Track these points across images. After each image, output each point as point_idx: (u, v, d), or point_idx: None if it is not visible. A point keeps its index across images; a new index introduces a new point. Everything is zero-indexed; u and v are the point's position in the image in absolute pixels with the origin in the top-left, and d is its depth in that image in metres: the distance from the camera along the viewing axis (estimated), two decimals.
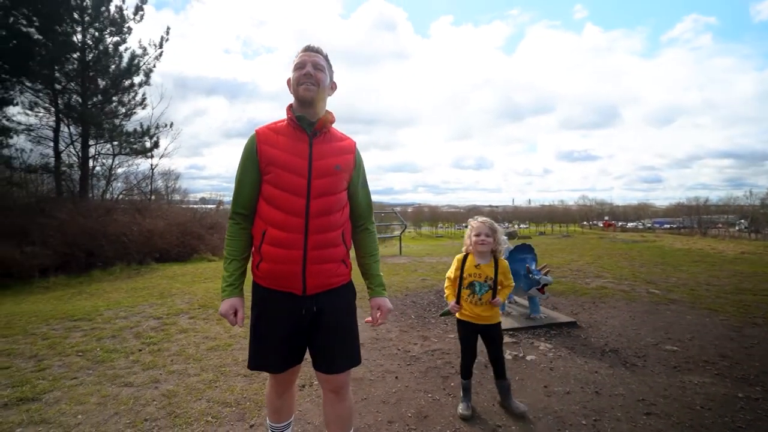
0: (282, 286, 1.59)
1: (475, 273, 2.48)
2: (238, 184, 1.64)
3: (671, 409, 2.57)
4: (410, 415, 2.54)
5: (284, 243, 1.56)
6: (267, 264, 1.58)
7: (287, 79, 1.69)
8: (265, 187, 1.60)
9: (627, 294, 5.79)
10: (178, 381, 2.99)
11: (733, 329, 4.21)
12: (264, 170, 1.60)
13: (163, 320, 4.50)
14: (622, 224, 65.67)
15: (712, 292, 6.00)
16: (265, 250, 1.58)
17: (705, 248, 11.89)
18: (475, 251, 2.50)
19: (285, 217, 1.57)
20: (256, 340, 1.66)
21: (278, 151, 1.59)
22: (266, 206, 1.59)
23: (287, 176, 1.57)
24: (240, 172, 1.63)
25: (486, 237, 2.44)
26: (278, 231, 1.57)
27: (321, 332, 1.65)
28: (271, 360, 1.66)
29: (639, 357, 3.46)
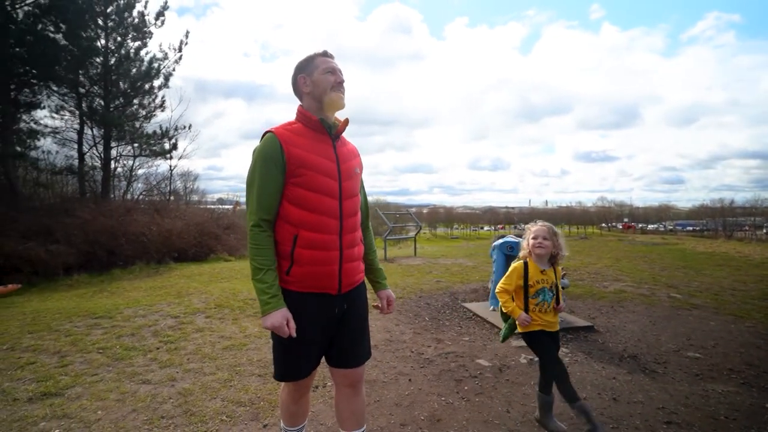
0: (318, 287, 1.60)
1: (542, 279, 2.34)
2: (260, 189, 1.55)
3: (693, 418, 2.49)
4: (423, 419, 2.53)
5: (322, 245, 1.57)
6: (302, 267, 1.57)
7: (299, 77, 1.67)
8: (295, 190, 1.56)
9: (647, 298, 5.65)
10: (194, 379, 3.04)
11: (760, 336, 4.06)
12: (294, 172, 1.55)
13: (180, 319, 4.59)
14: (642, 226, 64.08)
15: (737, 297, 5.80)
16: (299, 253, 1.56)
17: (730, 252, 11.50)
18: (534, 255, 2.37)
19: (321, 219, 1.57)
20: (287, 348, 1.61)
21: (307, 153, 1.58)
22: (296, 209, 1.56)
23: (322, 179, 1.58)
24: (262, 176, 1.54)
25: (544, 240, 2.33)
26: (314, 233, 1.56)
27: (345, 329, 1.69)
28: (303, 367, 1.67)
29: (659, 363, 3.36)
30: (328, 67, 1.64)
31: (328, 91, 1.63)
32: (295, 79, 1.70)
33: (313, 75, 1.64)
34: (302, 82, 1.66)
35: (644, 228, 59.38)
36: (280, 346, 1.63)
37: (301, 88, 1.67)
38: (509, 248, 5.10)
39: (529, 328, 2.36)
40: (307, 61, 1.68)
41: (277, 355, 1.67)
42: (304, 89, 1.67)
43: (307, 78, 1.65)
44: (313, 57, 1.67)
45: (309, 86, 1.65)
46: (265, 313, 1.51)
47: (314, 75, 1.64)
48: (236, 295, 5.74)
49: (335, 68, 1.66)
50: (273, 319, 1.50)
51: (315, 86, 1.64)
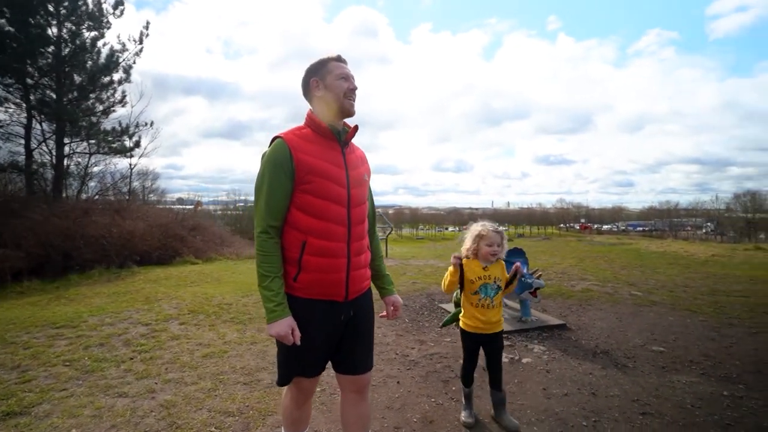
0: (324, 294, 1.59)
1: (484, 275, 2.42)
2: (269, 195, 1.53)
3: (664, 408, 2.68)
4: (416, 421, 2.56)
5: (330, 252, 1.57)
6: (310, 275, 1.56)
7: (312, 80, 1.64)
8: (303, 197, 1.55)
9: (611, 296, 5.99)
10: (176, 390, 2.92)
11: (712, 329, 4.42)
12: (303, 179, 1.54)
13: (153, 327, 4.37)
14: (597, 227, 67.63)
15: (689, 293, 6.27)
16: (307, 260, 1.55)
17: (678, 251, 12.40)
18: (484, 259, 2.44)
19: (329, 226, 1.57)
20: (293, 354, 1.59)
21: (317, 159, 1.56)
22: (304, 216, 1.55)
23: (331, 186, 1.57)
24: (270, 183, 1.53)
25: (498, 248, 2.40)
26: (323, 240, 1.56)
27: (352, 335, 1.70)
28: (309, 373, 1.66)
29: (629, 358, 3.58)
30: (342, 72, 1.63)
31: (341, 97, 1.62)
32: (306, 81, 1.67)
33: (326, 79, 1.63)
34: (314, 85, 1.64)
35: (599, 228, 62.69)
36: (285, 352, 1.61)
37: (313, 91, 1.65)
38: None
39: (467, 326, 2.49)
40: (320, 64, 1.65)
41: (281, 361, 1.66)
42: (315, 93, 1.64)
43: (320, 82, 1.63)
44: (326, 61, 1.65)
45: (321, 90, 1.63)
46: (271, 321, 1.50)
47: (327, 79, 1.62)
48: (210, 300, 5.55)
49: (349, 74, 1.65)
50: (279, 327, 1.50)
51: (327, 91, 1.62)
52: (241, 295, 5.96)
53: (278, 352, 1.66)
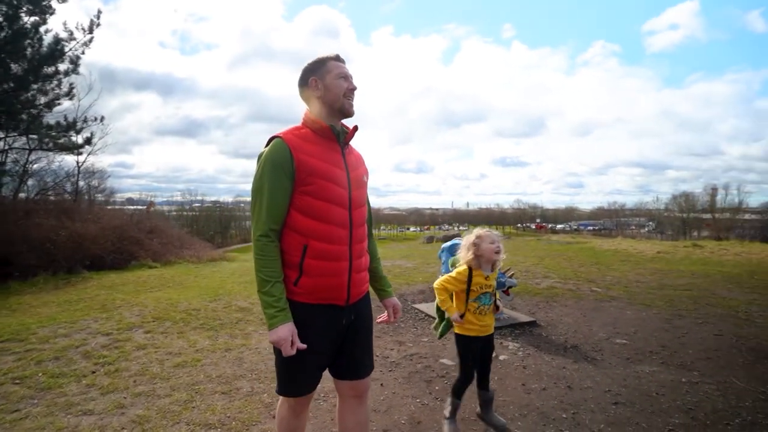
0: (326, 299, 1.56)
1: (486, 284, 2.43)
2: (269, 197, 1.48)
3: (633, 397, 2.86)
4: (403, 422, 2.57)
5: (332, 255, 1.54)
6: (311, 279, 1.52)
7: (311, 80, 1.60)
8: (303, 199, 1.51)
9: (574, 293, 6.31)
10: (148, 404, 2.74)
11: (665, 321, 4.77)
12: (304, 180, 1.50)
13: (114, 336, 4.08)
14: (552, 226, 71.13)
15: (641, 288, 6.73)
16: (309, 264, 1.51)
17: (628, 249, 13.26)
18: (491, 259, 2.42)
19: (331, 229, 1.53)
20: (296, 360, 1.52)
21: (318, 160, 1.53)
22: (305, 219, 1.51)
23: (332, 187, 1.54)
24: (271, 184, 1.48)
25: (500, 245, 2.42)
26: (325, 244, 1.52)
27: (353, 339, 1.67)
28: (309, 379, 1.61)
29: (596, 351, 3.79)
30: (341, 72, 1.61)
31: (341, 97, 1.59)
32: (304, 80, 1.63)
33: (326, 79, 1.59)
34: (313, 85, 1.60)
35: (554, 228, 65.91)
36: (286, 359, 1.53)
37: (312, 91, 1.61)
38: (458, 250, 5.36)
39: (464, 330, 2.45)
40: (319, 63, 1.62)
41: (281, 368, 1.59)
42: (314, 92, 1.61)
43: (319, 81, 1.60)
44: (325, 60, 1.62)
45: (320, 90, 1.60)
46: (272, 327, 1.46)
47: (326, 79, 1.59)
48: (175, 306, 5.26)
49: (348, 74, 1.63)
50: (280, 332, 1.45)
51: (326, 91, 1.59)
52: (208, 300, 5.71)
53: (277, 361, 1.60)
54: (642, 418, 2.58)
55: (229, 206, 75.20)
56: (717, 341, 4.05)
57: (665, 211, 48.67)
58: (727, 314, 5.06)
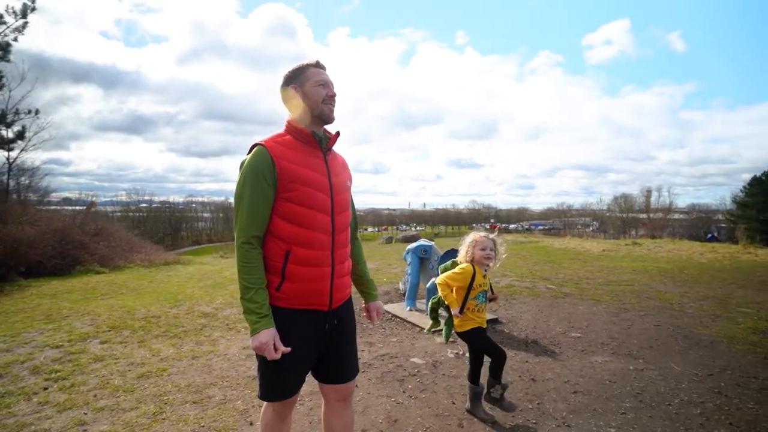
0: (309, 304, 1.58)
1: (483, 283, 2.63)
2: (251, 204, 1.50)
3: (589, 386, 3.11)
4: (381, 421, 2.63)
5: (315, 261, 1.56)
6: (294, 284, 1.54)
7: (291, 87, 1.63)
8: (286, 205, 1.53)
9: (531, 290, 6.68)
10: (113, 419, 2.61)
11: (613, 315, 5.19)
12: (285, 187, 1.52)
13: (66, 348, 3.81)
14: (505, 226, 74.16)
15: (591, 284, 7.25)
16: (291, 270, 1.53)
17: (576, 247, 14.18)
18: (481, 264, 2.60)
19: (314, 235, 1.56)
20: (279, 365, 1.54)
21: (299, 167, 1.55)
22: (287, 225, 1.53)
23: (314, 193, 1.56)
24: (252, 192, 1.50)
25: (491, 251, 2.59)
26: (307, 250, 1.55)
27: (337, 343, 1.70)
28: (294, 384, 1.62)
29: (555, 345, 4.06)
30: (321, 79, 1.64)
31: (320, 104, 1.62)
32: (286, 88, 1.65)
33: (305, 86, 1.62)
34: (293, 92, 1.63)
35: (507, 227, 68.71)
36: (269, 364, 1.55)
37: (292, 98, 1.63)
38: (423, 252, 5.52)
39: (464, 326, 2.62)
40: (298, 70, 1.65)
41: (265, 374, 1.60)
42: (294, 100, 1.63)
43: (299, 88, 1.63)
44: (305, 67, 1.65)
45: (300, 97, 1.62)
46: (254, 332, 1.48)
47: (306, 86, 1.62)
48: (132, 314, 4.98)
49: (328, 81, 1.66)
50: (261, 338, 1.47)
51: (306, 98, 1.62)
52: (168, 306, 5.45)
53: (260, 366, 1.61)
54: (598, 404, 2.82)
55: (180, 207, 71.63)
56: (657, 331, 4.48)
57: (607, 212, 52.46)
58: (664, 306, 5.59)
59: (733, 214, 36.21)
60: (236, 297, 6.06)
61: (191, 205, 74.36)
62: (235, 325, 4.65)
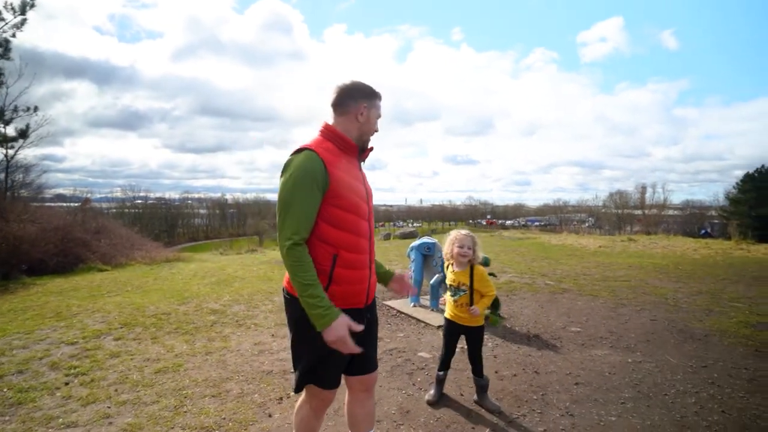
0: (350, 304, 1.68)
1: (453, 279, 2.78)
2: (304, 208, 1.54)
3: (590, 378, 3.26)
4: (394, 412, 2.76)
5: (359, 264, 1.68)
6: (340, 287, 1.63)
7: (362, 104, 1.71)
8: (333, 211, 1.61)
9: (530, 286, 6.83)
10: (136, 412, 2.72)
11: (611, 309, 5.35)
12: (335, 194, 1.59)
13: (81, 345, 3.90)
14: (501, 222, 74.49)
15: (588, 280, 7.41)
16: (339, 273, 1.62)
17: (573, 243, 14.38)
18: (456, 261, 2.78)
19: (357, 239, 1.67)
20: (330, 358, 1.64)
21: (346, 175, 1.65)
22: (334, 230, 1.62)
23: (357, 201, 1.67)
24: (305, 196, 1.54)
25: (468, 249, 2.72)
26: (352, 254, 1.65)
27: (367, 337, 1.81)
28: (339, 377, 1.76)
29: (556, 339, 4.21)
30: (380, 114, 1.80)
31: (369, 135, 1.79)
32: (354, 99, 1.72)
33: (371, 112, 1.75)
34: (362, 109, 1.72)
35: (504, 224, 69.01)
36: (320, 357, 1.63)
37: (356, 113, 1.72)
38: (426, 249, 5.64)
39: (447, 313, 2.87)
40: (372, 94, 1.76)
41: (316, 364, 1.66)
42: (357, 116, 1.72)
43: (366, 110, 1.73)
44: (377, 95, 1.78)
45: (363, 119, 1.73)
46: (326, 325, 1.49)
47: (371, 113, 1.75)
48: (142, 311, 5.07)
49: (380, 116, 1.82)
50: (338, 329, 1.50)
51: (367, 122, 1.75)
52: (177, 303, 5.55)
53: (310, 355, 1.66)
54: (599, 394, 2.96)
55: (176, 203, 71.44)
56: (653, 325, 4.64)
57: (603, 208, 52.92)
58: (660, 301, 5.76)
59: (726, 210, 36.70)
60: (242, 294, 6.16)
61: (187, 202, 74.21)
62: (244, 322, 4.76)
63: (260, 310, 5.30)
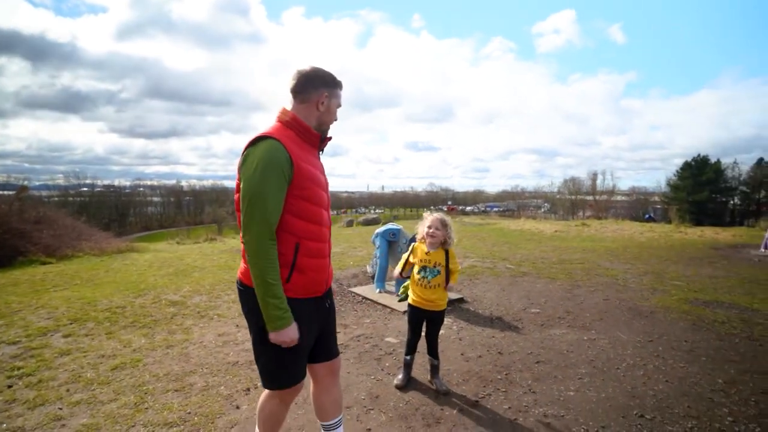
0: (312, 292, 1.68)
1: (426, 259, 2.80)
2: (273, 202, 1.50)
3: (550, 356, 3.43)
4: (363, 398, 2.78)
5: (321, 253, 1.67)
6: (304, 275, 1.62)
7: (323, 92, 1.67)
8: (297, 202, 1.58)
9: (492, 270, 7.07)
10: (92, 411, 2.56)
11: (567, 291, 5.65)
12: (300, 185, 1.57)
13: (25, 344, 3.60)
14: (462, 208, 76.32)
15: (546, 263, 7.78)
16: (302, 262, 1.60)
17: (531, 228, 15.02)
18: (427, 241, 2.81)
19: (319, 229, 1.66)
20: (294, 353, 1.62)
21: (311, 167, 1.62)
22: (298, 221, 1.59)
23: (319, 192, 1.66)
24: (274, 189, 1.50)
25: (436, 230, 2.76)
26: (315, 243, 1.64)
27: (327, 323, 1.83)
28: (305, 368, 1.73)
29: (517, 320, 4.39)
30: (340, 104, 1.76)
31: (328, 124, 1.75)
32: (315, 86, 1.66)
33: (331, 101, 1.71)
34: (322, 98, 1.67)
35: (464, 210, 70.74)
36: (281, 354, 1.61)
37: (316, 101, 1.67)
38: (392, 235, 5.67)
39: (412, 300, 2.90)
40: (334, 83, 1.71)
41: (275, 363, 1.65)
42: (318, 104, 1.68)
43: (327, 100, 1.69)
44: (338, 84, 1.73)
45: (324, 107, 1.69)
46: (281, 327, 1.52)
47: (332, 102, 1.71)
48: (93, 305, 4.76)
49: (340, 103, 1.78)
50: (292, 332, 1.55)
51: (327, 111, 1.71)
52: (132, 295, 5.25)
53: (269, 356, 1.64)
54: (558, 371, 3.14)
55: (127, 191, 67.25)
56: (605, 305, 4.96)
57: (557, 194, 55.47)
58: (611, 282, 6.15)
59: (667, 196, 39.59)
60: (203, 284, 5.93)
61: (139, 189, 70.02)
62: (207, 313, 4.60)
63: (223, 300, 5.14)
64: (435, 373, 2.95)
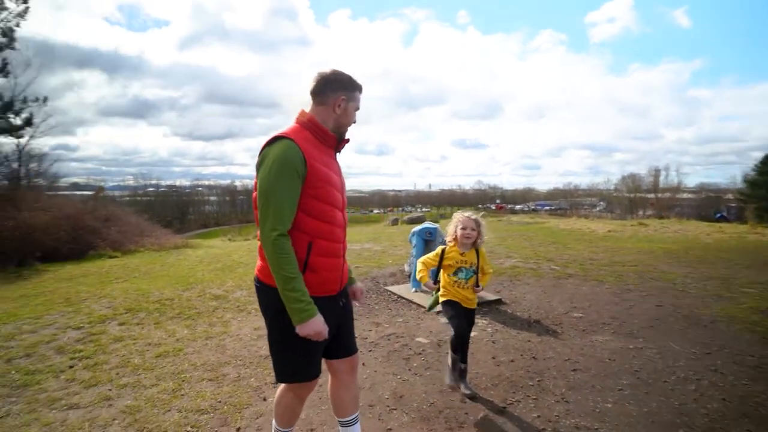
0: (325, 291, 1.69)
1: (461, 260, 2.76)
2: (288, 199, 1.53)
3: (589, 364, 3.22)
4: (387, 397, 2.77)
5: (334, 253, 1.69)
6: (316, 274, 1.64)
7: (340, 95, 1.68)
8: (311, 202, 1.60)
9: (535, 271, 6.76)
10: (135, 394, 2.78)
11: (615, 295, 5.27)
12: (313, 185, 1.59)
13: (87, 330, 3.99)
14: (511, 207, 73.91)
15: (595, 265, 7.31)
16: (314, 261, 1.62)
17: (582, 228, 14.17)
18: (461, 243, 2.76)
19: (333, 228, 1.68)
20: (308, 348, 1.65)
21: (325, 167, 1.64)
22: (311, 220, 1.62)
23: (333, 192, 1.67)
24: (289, 188, 1.54)
25: (472, 230, 2.72)
26: (328, 242, 1.66)
27: (344, 321, 1.85)
28: (319, 364, 1.77)
29: (557, 325, 4.17)
30: (358, 106, 1.76)
31: (346, 127, 1.75)
32: (333, 89, 1.68)
33: (349, 104, 1.71)
34: (340, 100, 1.69)
35: (513, 208, 68.46)
36: (300, 348, 1.64)
37: (334, 104, 1.69)
38: (428, 234, 5.60)
39: (443, 297, 2.84)
40: (352, 85, 1.72)
41: (292, 358, 1.68)
42: (335, 107, 1.69)
43: (345, 102, 1.70)
44: (357, 86, 1.74)
45: (341, 110, 1.70)
46: (306, 319, 1.53)
47: (350, 105, 1.72)
48: (146, 297, 5.16)
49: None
50: (316, 324, 1.55)
51: (344, 114, 1.71)
52: (181, 289, 5.63)
53: (285, 350, 1.68)
54: (597, 381, 2.93)
55: (187, 191, 72.31)
56: (658, 311, 4.56)
57: (614, 192, 52.03)
58: (667, 287, 5.65)
59: (744, 193, 35.68)
60: (245, 280, 6.22)
61: (198, 189, 75.09)
62: (245, 307, 4.81)
63: None
64: (463, 376, 2.87)
